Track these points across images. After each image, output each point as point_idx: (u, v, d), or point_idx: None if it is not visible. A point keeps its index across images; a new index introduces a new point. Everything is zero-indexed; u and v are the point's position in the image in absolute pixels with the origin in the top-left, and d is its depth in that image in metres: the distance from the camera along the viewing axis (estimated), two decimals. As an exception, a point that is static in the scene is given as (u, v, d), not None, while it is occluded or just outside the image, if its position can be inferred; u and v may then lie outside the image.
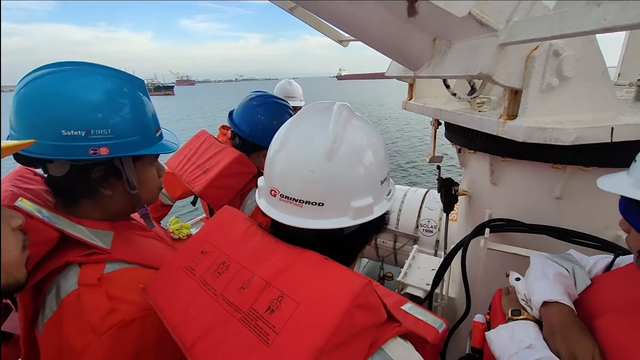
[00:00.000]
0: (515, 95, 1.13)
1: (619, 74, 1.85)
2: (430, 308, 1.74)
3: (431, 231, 2.93)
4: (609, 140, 0.99)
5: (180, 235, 1.26)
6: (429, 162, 1.97)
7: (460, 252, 1.54)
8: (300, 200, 0.62)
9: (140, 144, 0.83)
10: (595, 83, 1.08)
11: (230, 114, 1.57)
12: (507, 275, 1.40)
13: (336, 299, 0.51)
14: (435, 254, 2.79)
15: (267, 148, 1.52)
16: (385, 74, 2.05)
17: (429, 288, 2.06)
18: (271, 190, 0.66)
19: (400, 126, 19.65)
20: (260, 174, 1.51)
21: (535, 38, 0.91)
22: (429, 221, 2.98)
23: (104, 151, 0.75)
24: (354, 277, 0.54)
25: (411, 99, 2.08)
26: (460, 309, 1.99)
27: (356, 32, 1.42)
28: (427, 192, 3.21)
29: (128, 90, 0.82)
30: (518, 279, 1.02)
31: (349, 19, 1.30)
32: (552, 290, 0.88)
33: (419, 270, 2.31)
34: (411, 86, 2.06)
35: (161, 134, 0.92)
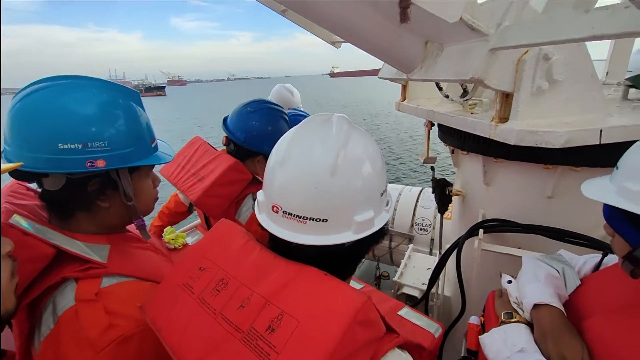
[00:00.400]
0: (506, 98, 1.14)
1: (607, 72, 1.89)
2: (426, 308, 1.76)
3: (426, 230, 2.96)
4: (598, 142, 1.01)
5: (176, 245, 1.25)
6: (423, 162, 1.98)
7: (455, 253, 1.56)
8: (304, 216, 0.61)
9: (137, 155, 0.83)
10: (584, 85, 1.10)
11: (225, 120, 1.56)
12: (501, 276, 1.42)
13: (337, 317, 0.51)
14: (430, 253, 2.81)
15: (262, 154, 1.53)
16: (378, 76, 2.05)
17: (424, 287, 2.09)
18: (273, 206, 0.65)
19: (391, 123, 19.73)
20: (256, 180, 1.51)
21: (525, 44, 0.92)
22: (423, 220, 3.00)
23: (101, 163, 0.76)
24: (354, 293, 0.55)
25: (404, 100, 2.09)
26: (455, 307, 2.02)
27: (348, 36, 1.42)
28: (421, 191, 3.23)
29: (123, 102, 0.82)
30: (510, 282, 1.04)
31: (340, 23, 1.30)
32: (543, 293, 0.90)
33: (414, 270, 2.33)
34: (404, 87, 2.07)
35: (156, 144, 0.92)
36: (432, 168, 1.91)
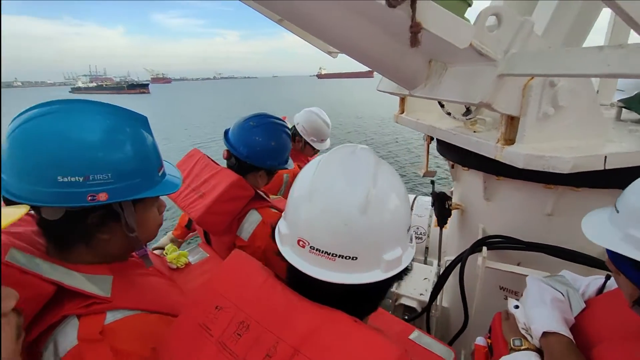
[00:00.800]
0: (512, 120, 1.16)
1: (597, 90, 1.95)
2: (427, 324, 1.77)
3: (421, 238, 2.98)
4: (602, 168, 1.04)
5: (179, 265, 1.21)
6: (423, 176, 2.00)
7: (455, 267, 1.58)
8: (333, 253, 0.60)
9: (142, 186, 0.78)
10: (586, 111, 1.13)
11: (226, 133, 1.53)
12: (505, 297, 1.43)
13: None
14: (425, 261, 2.84)
15: (264, 169, 1.50)
16: (377, 89, 2.06)
17: (422, 298, 2.10)
18: (299, 240, 0.63)
19: (374, 125, 19.90)
20: (258, 195, 1.48)
21: (535, 73, 0.94)
22: (418, 228, 3.03)
23: (102, 197, 0.71)
24: (389, 347, 0.53)
25: (403, 112, 2.10)
26: (454, 318, 2.05)
27: (350, 52, 1.41)
28: (415, 199, 3.26)
29: (129, 129, 0.77)
30: (517, 307, 1.05)
31: (345, 41, 1.29)
32: (550, 319, 0.91)
33: (411, 280, 2.34)
34: (402, 100, 2.08)
35: (164, 171, 0.87)
36: (432, 182, 1.93)
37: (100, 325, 0.69)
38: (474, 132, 1.48)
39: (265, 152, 1.45)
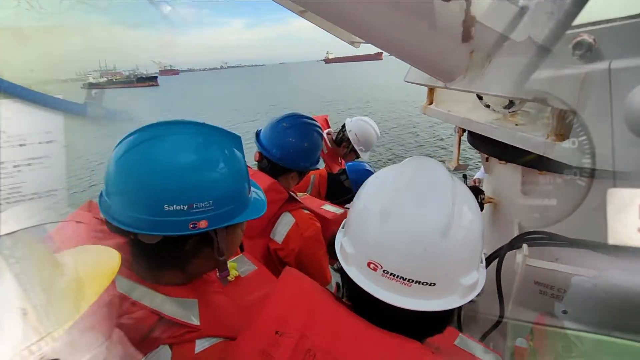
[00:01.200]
0: (564, 113, 1.09)
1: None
2: (459, 316, 1.74)
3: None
4: None
5: (229, 278, 1.21)
6: (453, 170, 1.94)
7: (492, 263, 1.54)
8: (409, 279, 0.57)
9: (237, 211, 0.78)
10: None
11: (257, 135, 1.50)
12: (540, 291, 1.39)
13: None
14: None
15: (296, 170, 1.48)
16: (405, 79, 1.98)
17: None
18: (369, 262, 0.60)
19: (383, 110, 19.65)
20: (291, 197, 1.46)
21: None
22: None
23: (203, 224, 0.71)
24: None
25: (431, 103, 2.02)
26: (482, 310, 2.02)
27: (382, 45, 1.34)
28: None
29: (228, 152, 0.77)
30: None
31: (385, 38, 1.23)
32: None
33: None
34: (431, 90, 2.00)
35: (251, 192, 0.86)
36: (464, 175, 1.87)
37: (192, 355, 0.70)
38: (516, 124, 1.41)
39: (299, 153, 1.43)
